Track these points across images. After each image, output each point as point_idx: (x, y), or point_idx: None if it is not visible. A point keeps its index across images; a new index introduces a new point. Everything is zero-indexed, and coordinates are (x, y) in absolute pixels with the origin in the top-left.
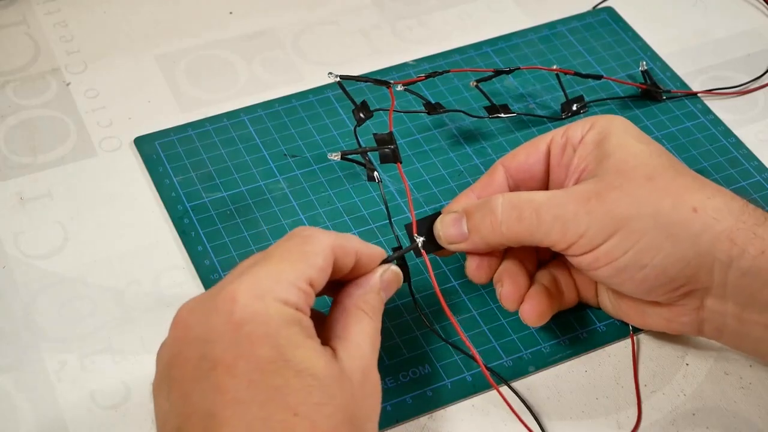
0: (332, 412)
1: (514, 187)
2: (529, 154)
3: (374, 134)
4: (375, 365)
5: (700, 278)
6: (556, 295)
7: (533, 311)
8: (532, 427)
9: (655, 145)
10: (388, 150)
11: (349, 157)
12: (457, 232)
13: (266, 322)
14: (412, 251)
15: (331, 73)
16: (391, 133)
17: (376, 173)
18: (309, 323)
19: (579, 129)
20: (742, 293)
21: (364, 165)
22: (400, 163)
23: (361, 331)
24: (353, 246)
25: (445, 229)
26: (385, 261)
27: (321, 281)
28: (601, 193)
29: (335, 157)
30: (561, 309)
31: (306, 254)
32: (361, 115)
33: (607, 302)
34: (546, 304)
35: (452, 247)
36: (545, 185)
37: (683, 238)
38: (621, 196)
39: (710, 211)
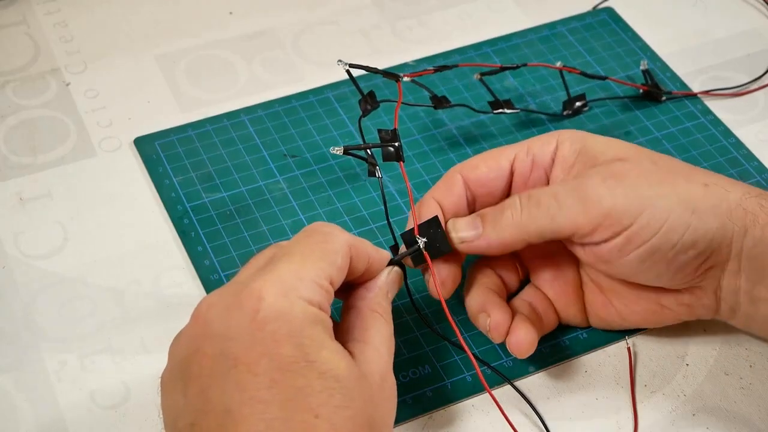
0: (352, 415)
1: (471, 199)
2: (490, 169)
3: (378, 130)
4: (391, 368)
5: (722, 250)
6: (537, 322)
7: (522, 341)
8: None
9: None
10: (391, 148)
11: (352, 151)
12: (473, 233)
13: (290, 320)
14: (412, 255)
15: (340, 61)
16: (395, 131)
17: (377, 168)
18: (330, 323)
19: (545, 146)
20: (753, 265)
21: (366, 160)
22: (403, 162)
23: (378, 334)
24: (366, 250)
25: (460, 230)
26: (390, 263)
27: (340, 280)
28: (617, 175)
29: (338, 151)
30: (542, 335)
31: (327, 252)
32: (368, 106)
33: (613, 313)
34: (534, 333)
35: (463, 247)
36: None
37: (705, 211)
38: (637, 179)
39: (720, 185)
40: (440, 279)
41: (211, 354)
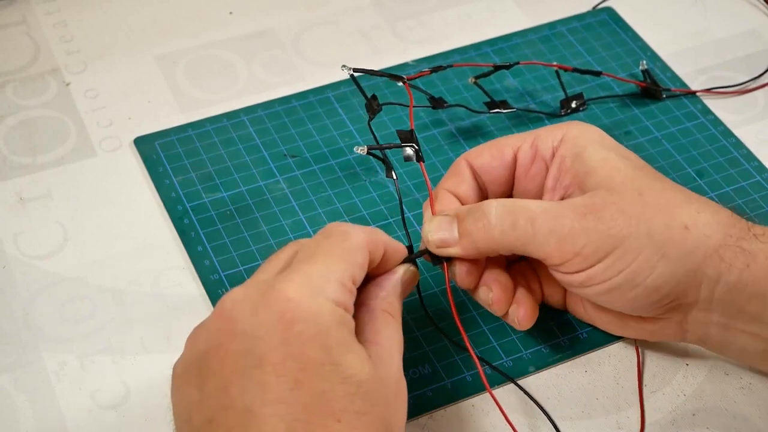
0: (372, 421)
1: (482, 184)
2: (493, 157)
3: (397, 131)
4: (402, 371)
5: (689, 294)
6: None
7: (527, 313)
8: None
9: (633, 155)
10: (411, 150)
11: (373, 152)
12: (448, 236)
13: (318, 322)
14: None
15: (344, 66)
16: (412, 131)
17: (393, 171)
18: (353, 324)
19: (549, 140)
20: (728, 306)
21: (384, 161)
22: (423, 162)
23: (390, 336)
24: (382, 240)
25: (434, 232)
26: (406, 260)
27: (361, 278)
28: (597, 211)
29: (361, 150)
30: None
31: (348, 252)
32: (374, 107)
33: (582, 311)
34: (535, 306)
35: (440, 252)
36: (510, 189)
37: (676, 257)
38: (616, 215)
39: (701, 227)
40: (465, 270)
41: (234, 351)
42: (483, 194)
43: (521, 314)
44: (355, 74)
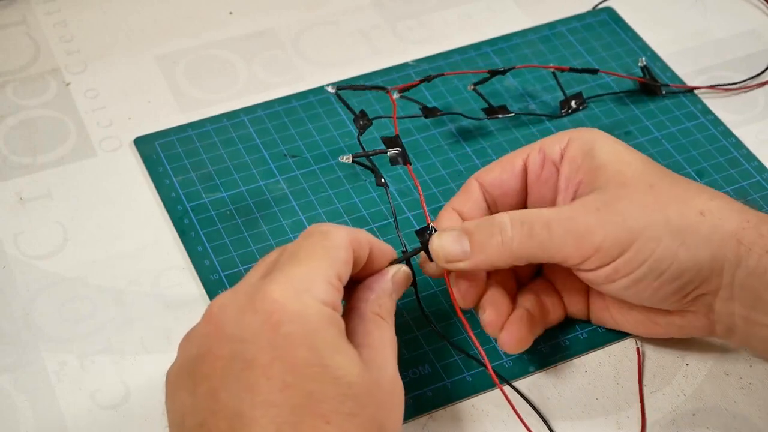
0: (362, 422)
1: (492, 202)
2: (504, 170)
3: (382, 137)
4: (398, 373)
5: (712, 280)
6: (540, 316)
7: (512, 338)
8: (535, 428)
9: (640, 153)
10: (395, 153)
11: (359, 160)
12: (459, 250)
13: (305, 323)
14: (419, 252)
15: (328, 85)
16: (397, 137)
17: (383, 179)
18: (343, 324)
19: (556, 144)
20: (748, 294)
21: (371, 170)
22: (410, 164)
23: (382, 338)
24: (366, 239)
25: (446, 247)
26: (396, 261)
27: (347, 275)
28: (610, 204)
29: (347, 159)
30: (547, 327)
31: (329, 250)
32: (362, 122)
33: (608, 317)
34: (525, 330)
35: (450, 266)
36: (523, 201)
37: (695, 242)
38: (630, 207)
39: (716, 212)
40: (464, 288)
41: (223, 355)
42: (490, 212)
43: (505, 339)
44: (339, 91)
